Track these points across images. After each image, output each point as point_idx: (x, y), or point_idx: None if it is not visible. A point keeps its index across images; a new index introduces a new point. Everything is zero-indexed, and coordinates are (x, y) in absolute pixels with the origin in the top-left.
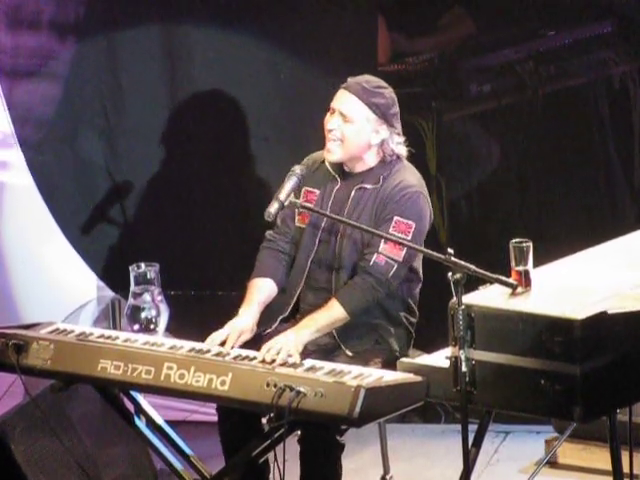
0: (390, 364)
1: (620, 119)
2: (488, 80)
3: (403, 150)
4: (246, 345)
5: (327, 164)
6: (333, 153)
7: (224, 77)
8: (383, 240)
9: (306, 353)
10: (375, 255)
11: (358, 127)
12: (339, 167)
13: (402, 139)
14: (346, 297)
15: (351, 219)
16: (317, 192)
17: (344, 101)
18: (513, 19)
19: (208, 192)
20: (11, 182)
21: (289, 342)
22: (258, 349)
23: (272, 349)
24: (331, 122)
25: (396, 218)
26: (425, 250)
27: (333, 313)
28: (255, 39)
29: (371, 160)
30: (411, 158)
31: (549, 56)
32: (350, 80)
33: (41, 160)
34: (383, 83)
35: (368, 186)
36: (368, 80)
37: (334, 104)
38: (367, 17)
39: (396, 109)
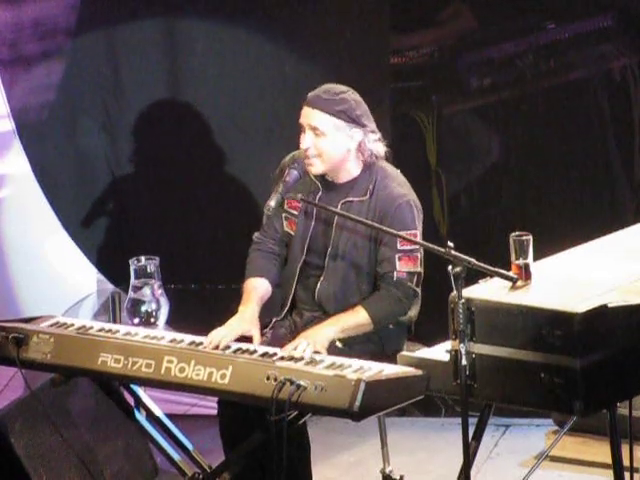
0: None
1: (620, 112)
2: (488, 74)
3: (381, 148)
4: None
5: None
6: (315, 167)
7: (227, 69)
8: (397, 258)
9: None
10: (395, 273)
11: (331, 138)
12: (321, 176)
13: (378, 135)
14: (373, 305)
15: (342, 231)
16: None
17: (310, 117)
18: (513, 12)
19: (209, 185)
20: (11, 175)
21: (315, 338)
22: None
23: (299, 346)
24: (305, 141)
25: (400, 233)
26: (425, 244)
27: (359, 318)
28: (259, 31)
29: (354, 169)
30: (411, 152)
31: (549, 49)
32: (310, 95)
33: (41, 153)
34: (342, 87)
35: (355, 199)
36: (326, 90)
37: (301, 120)
38: (375, 9)
39: (362, 108)
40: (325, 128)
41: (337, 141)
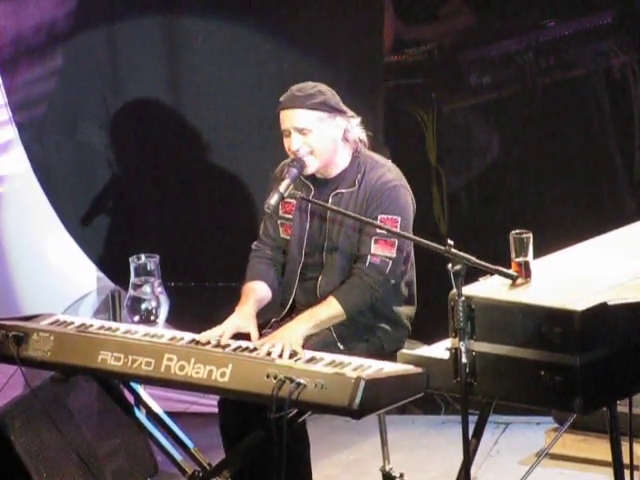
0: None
1: (620, 110)
2: (488, 71)
3: (363, 133)
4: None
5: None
6: (310, 165)
7: (226, 67)
8: (373, 240)
9: (304, 344)
10: (369, 257)
11: (318, 132)
12: (311, 175)
13: (358, 120)
14: (344, 295)
15: (334, 225)
16: (294, 202)
17: (291, 118)
18: (513, 10)
19: (208, 182)
20: (11, 172)
21: (290, 337)
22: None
23: (276, 346)
24: (293, 143)
25: (380, 216)
26: (425, 241)
27: (331, 310)
28: (258, 29)
29: (343, 161)
30: (411, 150)
31: (549, 47)
32: (283, 99)
33: (41, 150)
34: (311, 83)
35: (344, 190)
36: (298, 88)
37: (284, 126)
38: (373, 7)
39: (337, 97)
40: (310, 124)
41: (324, 133)
